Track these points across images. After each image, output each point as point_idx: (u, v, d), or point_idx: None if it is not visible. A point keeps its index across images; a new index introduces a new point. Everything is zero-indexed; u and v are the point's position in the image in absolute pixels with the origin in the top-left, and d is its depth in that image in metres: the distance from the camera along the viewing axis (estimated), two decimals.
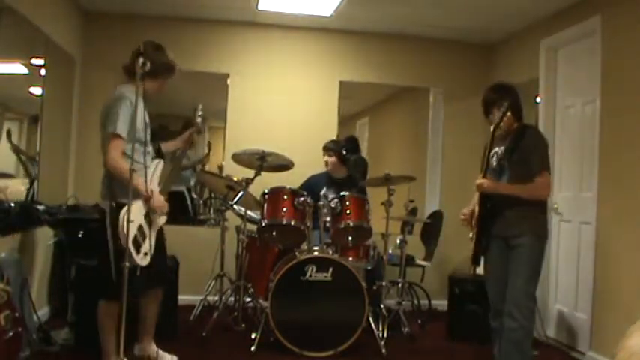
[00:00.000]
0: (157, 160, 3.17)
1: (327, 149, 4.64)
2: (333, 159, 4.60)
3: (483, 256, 3.13)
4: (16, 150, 3.75)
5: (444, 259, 5.35)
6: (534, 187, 2.97)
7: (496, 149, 3.13)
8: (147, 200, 2.93)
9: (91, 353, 3.38)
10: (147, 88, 3.06)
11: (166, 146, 3.42)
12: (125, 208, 2.74)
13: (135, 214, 2.81)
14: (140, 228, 2.90)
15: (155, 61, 2.94)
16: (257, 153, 4.12)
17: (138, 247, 2.85)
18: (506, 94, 3.07)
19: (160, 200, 3.02)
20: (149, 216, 2.99)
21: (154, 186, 3.05)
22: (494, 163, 3.11)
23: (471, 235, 3.13)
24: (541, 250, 3.06)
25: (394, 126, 7.51)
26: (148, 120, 3.15)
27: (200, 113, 3.42)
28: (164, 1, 4.86)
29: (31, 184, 3.94)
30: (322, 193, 4.53)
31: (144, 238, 2.92)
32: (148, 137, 3.13)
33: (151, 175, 3.05)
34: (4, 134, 3.64)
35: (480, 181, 3.01)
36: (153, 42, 3.10)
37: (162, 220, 3.13)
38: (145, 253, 2.90)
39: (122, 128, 2.89)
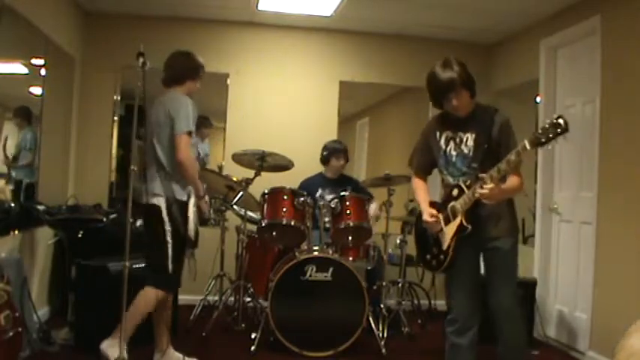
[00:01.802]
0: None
1: (341, 151, 4.58)
2: (344, 161, 4.61)
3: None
4: None
5: None
6: (520, 185, 2.66)
7: (448, 133, 2.79)
8: (200, 199, 3.21)
9: (91, 353, 3.39)
10: (191, 89, 3.30)
11: None
12: (191, 202, 3.16)
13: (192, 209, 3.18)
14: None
15: (190, 65, 3.29)
16: (257, 153, 4.13)
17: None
18: (457, 70, 2.63)
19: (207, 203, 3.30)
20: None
21: None
22: (454, 152, 2.76)
23: (445, 244, 2.72)
24: (517, 248, 2.79)
25: (394, 126, 7.50)
26: None
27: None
28: (164, 1, 4.86)
29: (14, 185, 3.89)
30: (318, 194, 4.51)
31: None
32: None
33: None
34: None
35: (490, 187, 2.49)
36: (180, 50, 3.35)
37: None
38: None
39: (192, 127, 3.12)
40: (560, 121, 2.31)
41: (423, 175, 3.05)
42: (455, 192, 2.72)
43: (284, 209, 3.99)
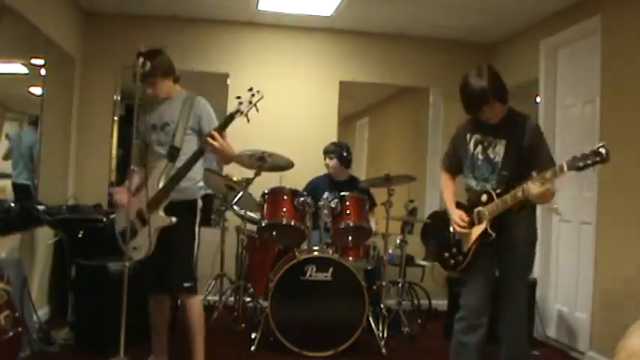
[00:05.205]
0: (161, 161, 3.07)
1: (328, 152, 4.62)
2: (334, 162, 4.60)
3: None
4: None
5: None
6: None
7: (477, 136, 2.83)
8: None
9: (91, 353, 3.39)
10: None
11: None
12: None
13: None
14: (132, 223, 2.97)
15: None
16: (257, 153, 4.12)
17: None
18: (490, 81, 2.67)
19: (119, 196, 3.16)
20: (142, 214, 2.99)
21: (150, 184, 3.02)
22: (480, 156, 2.80)
23: (467, 247, 2.81)
24: (534, 256, 2.91)
25: (394, 126, 7.51)
26: (153, 122, 3.12)
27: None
28: (164, 1, 4.86)
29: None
30: (325, 196, 4.48)
31: (134, 233, 2.99)
32: (151, 137, 3.11)
33: (151, 173, 3.05)
34: None
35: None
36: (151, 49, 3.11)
37: (160, 220, 2.95)
38: (134, 248, 2.99)
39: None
40: (602, 150, 2.34)
41: (452, 175, 3.06)
42: (484, 198, 2.75)
43: (284, 209, 3.99)
